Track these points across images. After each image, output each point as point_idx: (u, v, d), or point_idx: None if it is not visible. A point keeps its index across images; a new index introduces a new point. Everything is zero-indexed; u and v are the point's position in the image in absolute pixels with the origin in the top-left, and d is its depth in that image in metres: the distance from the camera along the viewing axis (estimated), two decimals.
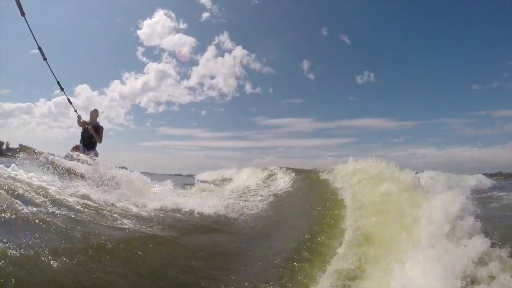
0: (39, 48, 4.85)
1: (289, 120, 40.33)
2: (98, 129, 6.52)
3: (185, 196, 6.09)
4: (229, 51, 36.62)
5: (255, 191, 9.00)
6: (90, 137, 6.43)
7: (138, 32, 38.38)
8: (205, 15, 36.10)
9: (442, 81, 40.44)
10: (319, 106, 41.55)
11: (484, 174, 20.17)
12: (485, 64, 37.03)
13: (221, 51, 38.12)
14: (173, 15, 35.73)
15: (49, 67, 5.23)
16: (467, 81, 38.96)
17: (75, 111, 6.38)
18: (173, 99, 37.69)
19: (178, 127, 42.11)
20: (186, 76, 40.11)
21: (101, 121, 6.84)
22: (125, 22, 38.12)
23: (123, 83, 37.73)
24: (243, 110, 42.08)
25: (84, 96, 35.92)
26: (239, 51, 35.95)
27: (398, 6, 36.01)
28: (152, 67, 37.06)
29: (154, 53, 43.19)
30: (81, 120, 6.45)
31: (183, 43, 36.36)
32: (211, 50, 37.26)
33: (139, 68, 47.58)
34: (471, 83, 38.07)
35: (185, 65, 40.80)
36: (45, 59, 5.02)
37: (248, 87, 36.37)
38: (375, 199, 4.08)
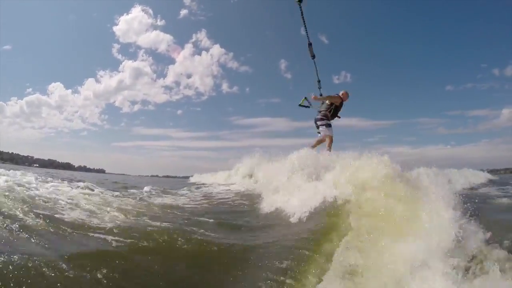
0: (310, 44, 5.06)
1: (266, 119, 40.64)
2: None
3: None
4: (207, 50, 36.47)
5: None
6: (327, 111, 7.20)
7: (114, 28, 37.57)
8: (184, 12, 35.79)
9: (417, 82, 42.00)
10: (296, 106, 41.86)
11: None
12: (459, 65, 38.87)
13: (198, 50, 37.92)
14: (150, 11, 35.11)
15: (315, 66, 5.61)
16: (442, 82, 40.69)
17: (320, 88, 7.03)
18: (148, 98, 37.05)
19: (154, 127, 41.32)
20: (162, 74, 39.61)
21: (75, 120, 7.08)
22: (102, 17, 37.13)
23: (97, 81, 36.68)
24: (220, 109, 42.01)
25: (57, 94, 34.61)
26: (216, 49, 35.86)
27: (376, 10, 37.09)
28: (128, 65, 36.32)
29: (130, 51, 42.37)
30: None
31: (160, 40, 35.80)
32: (188, 48, 36.89)
33: (114, 65, 46.56)
34: (446, 84, 39.83)
35: (162, 63, 40.24)
36: (313, 56, 5.26)
37: (224, 86, 36.35)
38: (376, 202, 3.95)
